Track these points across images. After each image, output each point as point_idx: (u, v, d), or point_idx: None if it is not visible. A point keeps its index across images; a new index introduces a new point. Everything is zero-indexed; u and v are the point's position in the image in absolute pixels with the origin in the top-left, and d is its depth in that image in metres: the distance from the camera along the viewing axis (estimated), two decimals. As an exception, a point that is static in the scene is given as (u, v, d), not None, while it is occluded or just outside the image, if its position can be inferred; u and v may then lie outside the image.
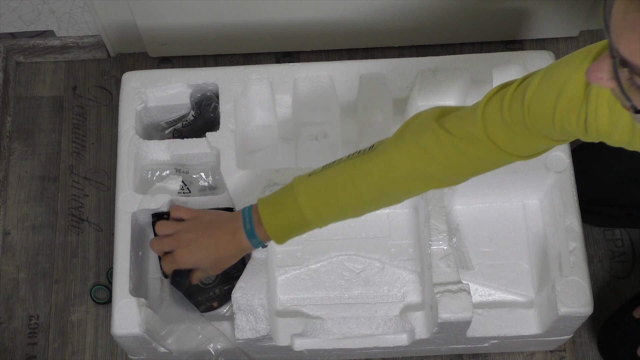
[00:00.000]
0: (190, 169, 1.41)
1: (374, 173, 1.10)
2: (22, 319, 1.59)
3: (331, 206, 1.13)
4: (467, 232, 1.42)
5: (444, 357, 1.54)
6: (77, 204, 1.67)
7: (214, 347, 1.33)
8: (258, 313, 1.28)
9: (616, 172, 1.41)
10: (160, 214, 1.35)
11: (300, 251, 1.41)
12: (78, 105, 1.74)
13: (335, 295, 1.39)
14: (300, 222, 1.14)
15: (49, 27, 1.69)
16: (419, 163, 1.07)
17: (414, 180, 1.10)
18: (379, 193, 1.12)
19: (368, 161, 1.10)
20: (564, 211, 1.34)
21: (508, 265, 1.41)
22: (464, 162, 1.06)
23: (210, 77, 1.43)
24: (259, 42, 1.73)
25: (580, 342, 1.55)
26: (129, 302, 1.30)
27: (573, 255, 1.31)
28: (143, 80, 1.43)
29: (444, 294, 1.28)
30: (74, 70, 1.77)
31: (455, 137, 1.04)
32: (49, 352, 1.57)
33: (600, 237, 1.63)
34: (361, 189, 1.11)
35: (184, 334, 1.32)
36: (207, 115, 1.44)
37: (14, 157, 1.71)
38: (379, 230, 1.42)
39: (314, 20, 1.66)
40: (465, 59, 1.43)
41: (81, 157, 1.70)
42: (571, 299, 1.28)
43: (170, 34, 1.69)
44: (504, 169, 1.35)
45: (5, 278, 1.62)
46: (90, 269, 1.62)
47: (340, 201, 1.12)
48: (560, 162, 1.36)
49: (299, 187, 1.14)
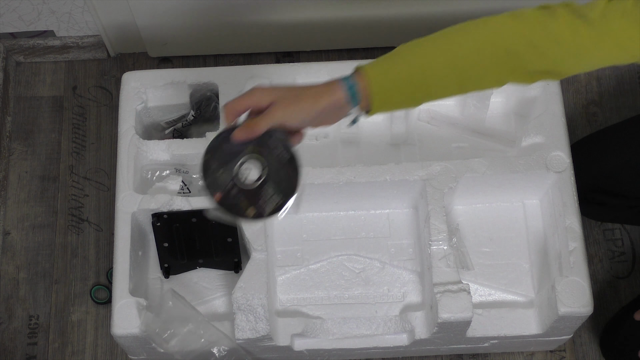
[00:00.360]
0: (190, 169, 1.41)
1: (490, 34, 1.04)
2: (22, 319, 1.59)
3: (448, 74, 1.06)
4: (467, 232, 1.42)
5: (444, 357, 1.54)
6: (77, 204, 1.67)
7: (218, 349, 1.33)
8: (258, 313, 1.28)
9: (625, 161, 1.42)
10: (160, 214, 1.35)
11: (300, 251, 1.41)
12: (78, 105, 1.75)
13: (335, 295, 1.39)
14: (408, 82, 1.06)
15: (49, 27, 1.69)
16: (533, 31, 1.02)
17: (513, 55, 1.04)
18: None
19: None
20: (564, 211, 1.34)
21: (508, 265, 1.41)
22: (578, 43, 1.02)
23: (210, 77, 1.43)
24: (259, 42, 1.73)
25: (580, 342, 1.55)
26: (129, 302, 1.30)
27: (573, 255, 1.31)
28: (143, 80, 1.43)
29: (444, 294, 1.28)
30: (74, 70, 1.77)
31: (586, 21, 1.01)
32: (49, 352, 1.57)
33: (600, 237, 1.63)
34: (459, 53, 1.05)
35: (187, 337, 1.32)
36: (207, 115, 1.44)
37: (14, 157, 1.71)
38: (379, 230, 1.42)
39: (314, 20, 1.66)
40: (465, 59, 1.42)
41: (81, 157, 1.70)
42: (571, 299, 1.28)
43: (170, 34, 1.69)
44: (504, 169, 1.35)
45: (5, 278, 1.62)
46: (90, 269, 1.62)
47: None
48: (560, 162, 1.36)
49: (402, 50, 1.07)
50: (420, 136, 1.48)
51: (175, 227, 1.36)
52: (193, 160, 1.41)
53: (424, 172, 1.35)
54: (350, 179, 1.35)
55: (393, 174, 1.35)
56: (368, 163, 1.36)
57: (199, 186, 1.41)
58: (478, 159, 1.36)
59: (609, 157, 1.45)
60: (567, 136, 1.38)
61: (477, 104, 1.45)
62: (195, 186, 1.41)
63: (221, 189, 1.06)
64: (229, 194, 1.05)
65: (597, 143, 1.48)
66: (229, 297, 1.39)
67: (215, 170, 1.06)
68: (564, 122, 1.39)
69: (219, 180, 1.06)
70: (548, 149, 1.36)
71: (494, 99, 1.45)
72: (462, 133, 1.47)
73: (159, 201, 1.35)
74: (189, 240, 1.38)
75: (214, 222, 1.36)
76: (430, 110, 1.48)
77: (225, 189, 1.05)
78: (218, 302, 1.40)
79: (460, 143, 1.47)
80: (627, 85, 1.74)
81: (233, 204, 1.06)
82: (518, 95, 1.45)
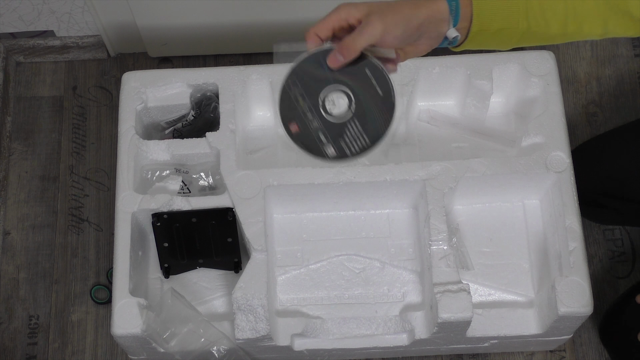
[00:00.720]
0: (190, 169, 1.41)
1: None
2: (22, 319, 1.59)
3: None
4: (467, 232, 1.42)
5: (444, 357, 1.54)
6: (77, 204, 1.67)
7: (218, 349, 1.33)
8: (258, 313, 1.28)
9: (628, 165, 1.42)
10: (160, 214, 1.35)
11: (300, 251, 1.41)
12: (78, 105, 1.75)
13: (335, 295, 1.39)
14: (512, 8, 1.00)
15: (49, 27, 1.69)
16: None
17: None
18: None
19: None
20: (564, 211, 1.34)
21: (508, 265, 1.41)
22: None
23: (210, 77, 1.43)
24: (259, 42, 1.73)
25: (580, 342, 1.55)
26: (129, 302, 1.30)
27: (573, 255, 1.31)
28: (143, 80, 1.43)
29: (444, 294, 1.28)
30: (74, 70, 1.78)
31: None
32: (49, 352, 1.57)
33: (600, 237, 1.63)
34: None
35: (187, 337, 1.32)
36: (207, 115, 1.44)
37: (14, 157, 1.71)
38: (379, 230, 1.42)
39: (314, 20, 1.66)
40: (465, 59, 1.43)
41: (81, 157, 1.71)
42: (571, 299, 1.28)
43: (170, 34, 1.69)
44: (504, 169, 1.35)
45: (5, 278, 1.62)
46: (90, 269, 1.62)
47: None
48: (560, 162, 1.36)
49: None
50: (420, 136, 1.48)
51: (175, 227, 1.37)
52: (193, 160, 1.41)
53: (424, 172, 1.35)
54: (350, 179, 1.35)
55: (393, 174, 1.35)
56: (368, 163, 1.36)
57: (199, 186, 1.41)
58: (478, 159, 1.36)
59: (611, 160, 1.44)
60: (567, 136, 1.38)
61: (477, 104, 1.45)
62: (195, 186, 1.41)
63: (299, 120, 0.94)
64: (309, 127, 0.93)
65: (599, 147, 1.48)
66: (229, 297, 1.39)
67: (295, 97, 0.94)
68: (564, 122, 1.39)
69: (298, 109, 0.94)
70: (548, 149, 1.36)
71: (494, 99, 1.45)
72: (462, 133, 1.47)
73: (159, 201, 1.35)
74: (189, 240, 1.38)
75: (214, 222, 1.36)
76: (430, 110, 1.48)
77: (305, 120, 0.93)
78: (218, 302, 1.40)
79: (460, 143, 1.47)
80: (627, 85, 1.74)
81: (311, 138, 0.93)
82: (518, 95, 1.45)
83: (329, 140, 0.94)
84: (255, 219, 1.33)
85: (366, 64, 0.93)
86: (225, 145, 1.38)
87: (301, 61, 0.95)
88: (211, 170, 1.41)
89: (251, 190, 1.35)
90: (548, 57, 1.42)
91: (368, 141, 0.94)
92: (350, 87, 0.94)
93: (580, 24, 1.02)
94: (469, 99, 1.45)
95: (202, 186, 1.41)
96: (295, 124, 0.94)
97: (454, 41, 1.00)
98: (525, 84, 1.43)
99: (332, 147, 0.94)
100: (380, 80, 0.94)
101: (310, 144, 0.94)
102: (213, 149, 1.38)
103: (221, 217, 1.35)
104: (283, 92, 0.94)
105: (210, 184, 1.41)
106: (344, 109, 0.94)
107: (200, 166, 1.41)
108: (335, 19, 0.96)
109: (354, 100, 0.94)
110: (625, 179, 1.43)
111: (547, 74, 1.41)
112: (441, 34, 0.99)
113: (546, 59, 1.42)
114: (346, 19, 0.96)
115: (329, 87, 0.94)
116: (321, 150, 0.94)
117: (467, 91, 1.44)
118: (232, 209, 1.35)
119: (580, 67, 1.76)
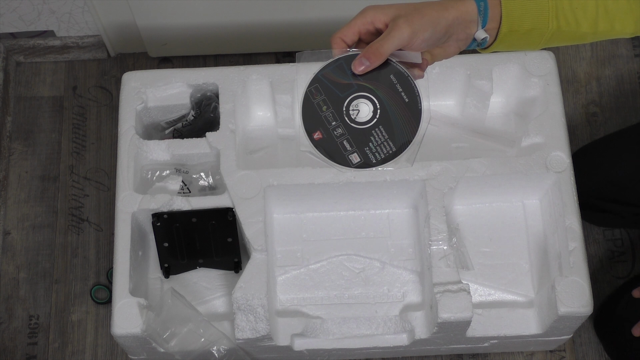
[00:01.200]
0: (190, 169, 1.41)
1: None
2: (22, 319, 1.59)
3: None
4: (467, 232, 1.42)
5: (444, 357, 1.54)
6: (77, 204, 1.67)
7: (218, 349, 1.33)
8: (258, 313, 1.28)
9: (631, 168, 1.42)
10: (160, 214, 1.35)
11: (300, 251, 1.41)
12: (78, 105, 1.75)
13: (335, 295, 1.39)
14: (542, 7, 0.98)
15: (49, 27, 1.69)
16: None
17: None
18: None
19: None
20: (564, 211, 1.34)
21: (508, 265, 1.41)
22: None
23: (210, 77, 1.43)
24: (259, 42, 1.73)
25: (580, 342, 1.55)
26: (129, 302, 1.30)
27: (573, 255, 1.31)
28: (143, 80, 1.43)
29: (444, 294, 1.28)
30: (74, 70, 1.78)
31: None
32: (49, 352, 1.57)
33: (600, 237, 1.63)
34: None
35: (187, 337, 1.32)
36: (207, 115, 1.44)
37: (14, 157, 1.71)
38: (379, 230, 1.42)
39: (314, 20, 1.66)
40: (465, 58, 1.43)
41: (81, 157, 1.71)
42: (571, 299, 1.28)
43: (170, 34, 1.69)
44: (504, 169, 1.35)
45: (5, 278, 1.62)
46: (90, 269, 1.62)
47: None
48: (560, 162, 1.36)
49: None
50: (420, 136, 1.48)
51: (175, 227, 1.37)
52: (193, 160, 1.41)
53: (424, 172, 1.35)
54: (350, 179, 1.35)
55: (393, 174, 1.35)
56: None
57: (199, 186, 1.41)
58: (478, 159, 1.36)
59: (611, 164, 1.44)
60: (567, 136, 1.38)
61: (477, 104, 1.45)
62: (195, 186, 1.41)
63: (322, 127, 0.90)
64: (332, 134, 0.90)
65: (600, 151, 1.48)
66: (229, 297, 1.39)
67: (318, 104, 0.91)
68: (564, 122, 1.39)
69: (321, 116, 0.92)
70: (548, 149, 1.36)
71: (494, 99, 1.45)
72: (462, 133, 1.47)
73: (159, 201, 1.35)
74: (189, 240, 1.38)
75: (214, 222, 1.36)
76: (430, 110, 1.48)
77: (328, 127, 0.90)
78: (218, 302, 1.40)
79: (460, 143, 1.47)
80: (627, 85, 1.74)
81: (335, 145, 0.90)
82: (518, 95, 1.45)
83: (354, 148, 0.92)
84: (255, 219, 1.33)
85: (391, 70, 0.92)
86: (225, 145, 1.38)
87: (324, 67, 0.94)
88: (211, 170, 1.41)
89: (251, 190, 1.35)
90: (548, 57, 1.42)
91: (394, 148, 0.92)
92: (374, 94, 0.92)
93: (611, 22, 1.01)
94: (469, 99, 1.45)
95: (202, 186, 1.41)
96: (319, 131, 0.92)
97: (483, 42, 0.99)
98: (525, 84, 1.43)
99: (357, 154, 0.92)
100: (406, 86, 0.92)
101: (333, 152, 0.92)
102: (213, 149, 1.38)
103: (221, 217, 1.35)
104: (306, 99, 0.93)
105: (210, 184, 1.41)
106: (368, 115, 0.92)
107: (200, 166, 1.41)
108: (361, 23, 0.94)
109: (379, 107, 0.92)
110: (625, 183, 1.43)
111: (547, 74, 1.41)
112: (470, 36, 0.97)
113: (546, 59, 1.42)
114: (372, 22, 0.94)
115: (354, 93, 0.92)
116: (345, 158, 0.92)
117: (467, 91, 1.44)
118: (232, 209, 1.35)
119: (580, 67, 1.76)
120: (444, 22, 0.94)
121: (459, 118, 1.48)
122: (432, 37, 0.94)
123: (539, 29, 0.99)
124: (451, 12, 0.94)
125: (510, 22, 0.98)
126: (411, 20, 0.91)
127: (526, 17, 0.98)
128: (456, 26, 0.95)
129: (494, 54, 1.44)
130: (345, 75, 0.92)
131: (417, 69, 0.96)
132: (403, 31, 0.91)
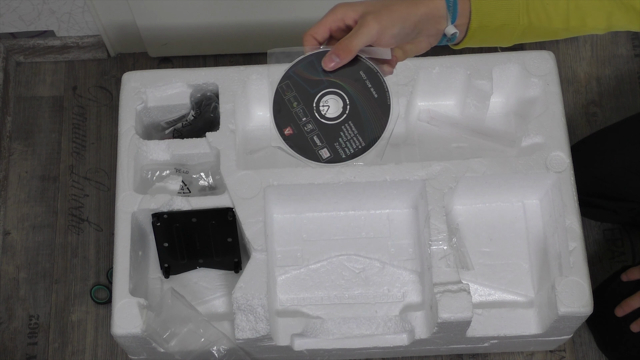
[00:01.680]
0: (190, 169, 1.41)
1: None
2: (22, 319, 1.59)
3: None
4: (467, 232, 1.42)
5: (444, 357, 1.54)
6: (77, 204, 1.67)
7: (218, 349, 1.33)
8: (258, 313, 1.28)
9: (622, 165, 1.42)
10: (160, 214, 1.35)
11: (300, 251, 1.41)
12: (78, 105, 1.75)
13: (335, 295, 1.39)
14: (512, 3, 0.98)
15: (49, 27, 1.69)
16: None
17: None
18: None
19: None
20: (564, 211, 1.34)
21: (508, 265, 1.41)
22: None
23: (210, 77, 1.43)
24: (259, 42, 1.73)
25: (580, 342, 1.55)
26: (129, 302, 1.30)
27: (573, 255, 1.31)
28: (143, 80, 1.43)
29: (444, 294, 1.28)
30: (74, 70, 1.78)
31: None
32: (49, 352, 1.57)
33: (600, 237, 1.63)
34: None
35: (186, 337, 1.32)
36: (207, 115, 1.44)
37: (14, 157, 1.71)
38: (379, 230, 1.42)
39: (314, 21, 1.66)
40: (465, 59, 1.43)
41: (81, 157, 1.71)
42: (571, 299, 1.28)
43: (170, 34, 1.69)
44: (504, 169, 1.35)
45: (5, 278, 1.62)
46: (90, 269, 1.62)
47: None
48: (560, 162, 1.36)
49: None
50: (420, 136, 1.48)
51: (175, 227, 1.37)
52: (193, 160, 1.41)
53: (424, 172, 1.35)
54: (350, 179, 1.35)
55: (393, 174, 1.35)
56: (362, 164, 1.36)
57: (199, 186, 1.41)
58: (478, 159, 1.36)
59: (605, 160, 1.44)
60: (567, 136, 1.38)
61: (477, 104, 1.45)
62: (196, 186, 1.41)
63: (293, 123, 0.93)
64: (303, 130, 0.92)
65: (594, 146, 1.48)
66: (229, 297, 1.39)
67: (289, 100, 0.94)
68: (564, 122, 1.39)
69: (291, 112, 0.94)
70: (548, 149, 1.36)
71: (494, 99, 1.45)
72: (462, 133, 1.47)
73: (159, 201, 1.35)
74: (189, 240, 1.38)
75: (214, 222, 1.36)
76: (430, 110, 1.48)
77: (299, 123, 0.92)
78: (218, 302, 1.40)
79: (460, 143, 1.47)
80: (627, 85, 1.74)
81: (305, 140, 0.92)
82: (518, 95, 1.45)
83: (324, 143, 0.94)
84: (255, 219, 1.33)
85: (360, 66, 0.93)
86: (225, 145, 1.38)
87: (295, 64, 0.95)
88: (211, 170, 1.41)
89: (251, 190, 1.35)
90: (548, 57, 1.42)
91: (364, 143, 0.94)
92: (344, 90, 0.94)
93: (583, 18, 1.01)
94: (469, 99, 1.45)
95: (202, 186, 1.41)
96: (289, 127, 0.94)
97: (452, 38, 1.00)
98: (525, 84, 1.43)
99: (327, 150, 0.94)
100: (375, 82, 0.94)
101: (304, 147, 0.94)
102: (213, 149, 1.38)
103: (221, 217, 1.35)
104: (277, 96, 0.95)
105: (210, 184, 1.41)
106: (338, 111, 0.94)
107: (200, 166, 1.41)
108: (332, 20, 0.96)
109: (348, 103, 0.93)
110: (618, 178, 1.44)
111: (547, 74, 1.41)
112: (440, 31, 0.98)
113: (546, 59, 1.42)
114: (343, 19, 0.95)
115: (324, 90, 0.94)
116: (315, 153, 0.94)
117: (467, 91, 1.44)
118: (232, 209, 1.35)
119: (580, 67, 1.76)
120: (413, 18, 0.95)
121: (459, 118, 1.48)
122: (401, 33, 0.94)
123: (510, 25, 1.00)
124: (420, 8, 0.95)
125: (480, 18, 0.98)
126: (380, 16, 0.92)
127: (497, 13, 0.98)
128: (425, 22, 0.96)
129: (494, 54, 1.44)
130: (316, 71, 0.94)
131: (386, 65, 0.97)
132: (371, 27, 0.92)
